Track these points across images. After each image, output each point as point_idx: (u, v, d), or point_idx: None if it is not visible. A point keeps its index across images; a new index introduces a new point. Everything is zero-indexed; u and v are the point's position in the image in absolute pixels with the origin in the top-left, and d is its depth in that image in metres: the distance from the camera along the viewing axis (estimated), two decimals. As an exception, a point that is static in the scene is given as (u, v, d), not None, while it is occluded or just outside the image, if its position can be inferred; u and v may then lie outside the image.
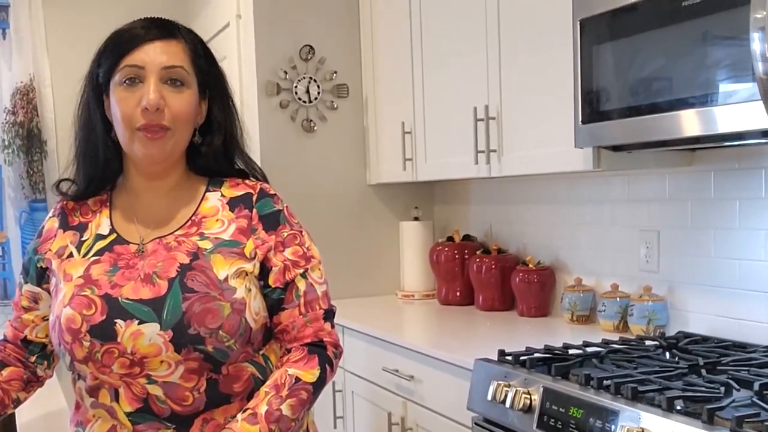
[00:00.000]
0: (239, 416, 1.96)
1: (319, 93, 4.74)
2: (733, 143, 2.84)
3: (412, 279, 4.78)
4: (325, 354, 2.11)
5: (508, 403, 2.65)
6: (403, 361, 3.55)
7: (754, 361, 2.63)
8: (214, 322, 1.96)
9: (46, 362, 2.22)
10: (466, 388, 2.92)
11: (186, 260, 2.03)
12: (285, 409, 1.98)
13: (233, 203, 2.14)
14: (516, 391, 2.63)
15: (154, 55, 2.03)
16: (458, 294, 4.45)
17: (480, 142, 3.68)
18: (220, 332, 1.97)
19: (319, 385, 2.06)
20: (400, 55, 4.40)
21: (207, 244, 2.06)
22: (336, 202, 4.78)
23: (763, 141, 2.65)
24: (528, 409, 2.59)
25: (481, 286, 4.24)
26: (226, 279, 2.02)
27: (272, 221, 2.14)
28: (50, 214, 2.22)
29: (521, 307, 4.01)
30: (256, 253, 2.08)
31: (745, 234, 3.00)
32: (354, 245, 4.82)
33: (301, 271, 2.12)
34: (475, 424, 2.86)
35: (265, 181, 2.26)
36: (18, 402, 2.18)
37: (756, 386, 2.28)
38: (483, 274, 4.19)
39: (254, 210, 2.13)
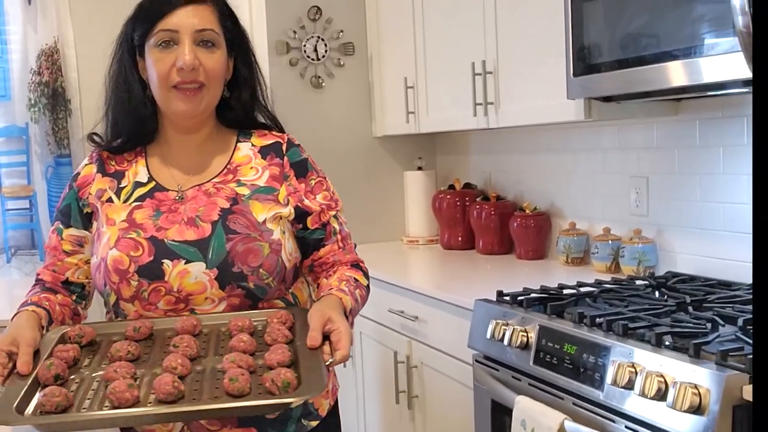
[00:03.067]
0: (325, 292, 2.07)
1: (326, 51, 4.71)
2: (716, 93, 2.82)
3: (416, 225, 4.78)
4: (365, 269, 2.26)
5: (506, 341, 2.65)
6: (408, 302, 3.55)
7: (738, 299, 2.63)
8: (255, 260, 2.03)
9: (84, 302, 2.22)
10: (467, 327, 2.92)
11: (226, 205, 2.08)
12: (357, 294, 2.12)
13: (264, 151, 2.20)
14: (514, 329, 2.63)
15: (187, 18, 2.06)
16: (460, 239, 4.45)
17: (478, 95, 3.66)
18: (261, 270, 2.04)
19: (368, 289, 2.22)
20: (403, 15, 4.37)
21: (244, 190, 2.12)
22: (344, 154, 4.77)
23: (745, 90, 2.64)
24: (525, 346, 2.59)
25: (481, 231, 4.23)
26: (264, 222, 2.08)
27: (302, 169, 2.20)
28: (86, 162, 2.23)
29: (519, 251, 4.01)
30: (289, 200, 2.14)
31: (728, 179, 2.98)
32: (361, 194, 4.81)
33: (333, 213, 2.22)
34: (476, 361, 2.87)
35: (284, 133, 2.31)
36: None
37: (740, 322, 2.28)
38: (483, 219, 4.19)
39: (285, 158, 2.19)
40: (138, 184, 2.15)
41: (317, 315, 1.91)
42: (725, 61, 2.30)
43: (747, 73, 2.16)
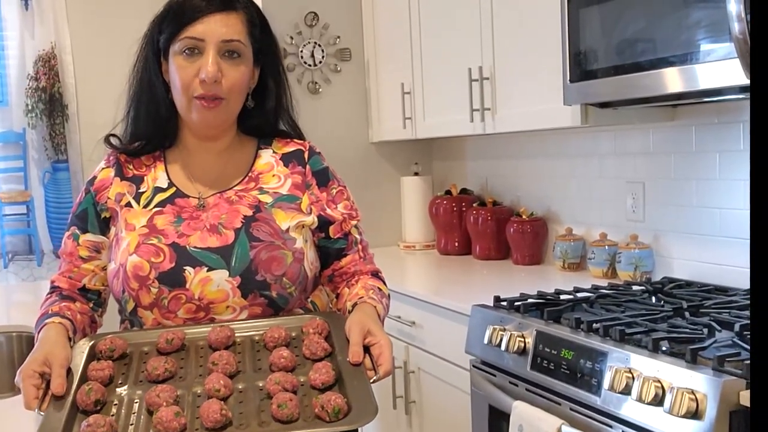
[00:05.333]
0: (356, 300, 2.05)
1: (323, 57, 4.71)
2: (712, 99, 2.82)
3: (413, 231, 4.77)
4: (384, 279, 2.22)
5: (503, 346, 2.65)
6: (405, 308, 3.55)
7: (734, 304, 2.63)
8: (279, 269, 2.01)
9: (100, 309, 2.18)
10: (464, 333, 2.92)
11: (249, 212, 2.06)
12: (384, 303, 2.11)
13: (286, 159, 2.18)
14: (511, 334, 2.63)
15: (215, 27, 2.01)
16: (456, 244, 4.45)
17: (475, 101, 3.66)
18: (284, 279, 2.01)
19: (389, 298, 2.18)
20: (400, 20, 4.36)
21: (267, 198, 2.09)
22: (340, 160, 4.68)
23: (741, 96, 2.64)
24: (522, 352, 2.59)
25: (477, 237, 4.23)
26: (287, 230, 2.06)
27: (323, 178, 2.19)
28: (102, 165, 2.17)
29: (516, 256, 4.01)
30: (311, 209, 2.12)
31: (725, 184, 2.99)
32: (358, 200, 4.68)
33: (355, 222, 2.21)
34: (473, 366, 2.87)
35: None
36: (85, 335, 2.09)
37: (736, 327, 2.28)
38: (479, 225, 4.18)
39: (307, 166, 2.18)
40: (158, 190, 2.11)
41: (357, 327, 1.88)
42: (721, 68, 2.30)
43: (743, 80, 2.16)
